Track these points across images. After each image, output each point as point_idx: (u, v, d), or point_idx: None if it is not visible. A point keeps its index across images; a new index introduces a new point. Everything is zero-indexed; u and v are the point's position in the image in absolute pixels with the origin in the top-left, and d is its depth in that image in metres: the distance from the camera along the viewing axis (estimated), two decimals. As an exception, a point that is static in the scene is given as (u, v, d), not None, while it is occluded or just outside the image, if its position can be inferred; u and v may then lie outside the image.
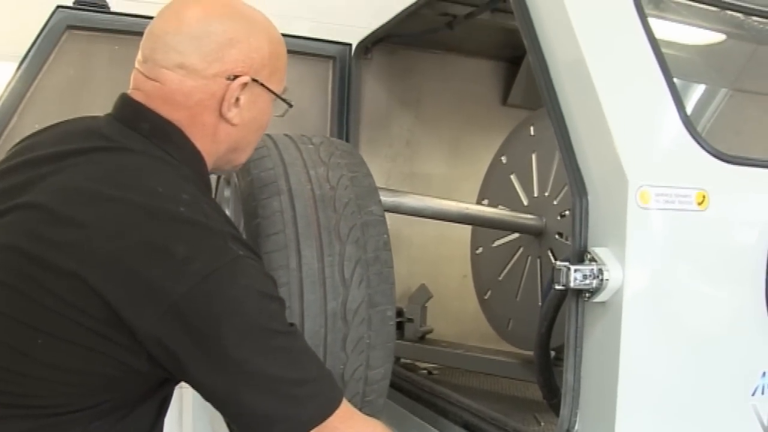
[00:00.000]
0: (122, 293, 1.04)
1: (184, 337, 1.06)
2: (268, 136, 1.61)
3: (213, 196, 1.45)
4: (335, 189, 1.51)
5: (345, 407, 1.19)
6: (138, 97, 1.23)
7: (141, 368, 1.10)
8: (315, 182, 1.50)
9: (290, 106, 1.37)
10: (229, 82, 1.22)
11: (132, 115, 1.22)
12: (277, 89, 1.32)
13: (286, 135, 1.63)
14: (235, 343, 1.08)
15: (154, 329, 1.05)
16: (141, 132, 1.20)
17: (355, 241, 1.47)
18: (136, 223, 1.07)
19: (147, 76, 1.23)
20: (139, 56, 1.26)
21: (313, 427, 1.14)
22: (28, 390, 1.10)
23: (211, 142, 1.26)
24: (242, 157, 1.36)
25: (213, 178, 1.67)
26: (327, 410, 1.15)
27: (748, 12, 1.70)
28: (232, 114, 1.24)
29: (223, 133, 1.26)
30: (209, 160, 1.27)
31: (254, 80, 1.25)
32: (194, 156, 1.24)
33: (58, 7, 2.26)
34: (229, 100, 1.23)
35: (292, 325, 1.19)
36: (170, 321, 1.05)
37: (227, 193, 1.83)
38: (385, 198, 1.92)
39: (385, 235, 1.52)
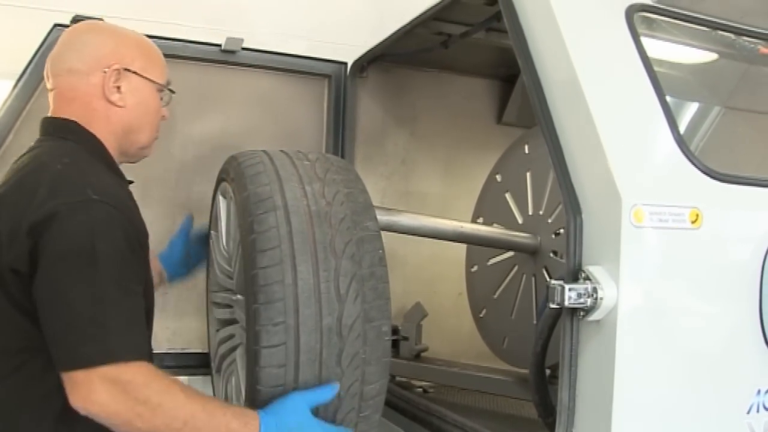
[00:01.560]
0: (7, 228, 1.35)
1: (34, 253, 1.31)
2: (264, 152, 1.62)
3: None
4: (331, 205, 1.51)
5: (142, 366, 1.31)
6: (49, 113, 1.58)
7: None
8: (311, 198, 1.51)
9: (171, 92, 1.68)
10: (105, 72, 1.54)
11: (44, 126, 1.58)
12: (157, 79, 1.62)
13: (282, 151, 1.64)
14: (55, 266, 1.30)
15: (21, 249, 1.32)
16: (50, 133, 1.56)
17: (350, 256, 1.47)
18: (26, 179, 1.41)
19: (50, 90, 1.58)
20: (45, 79, 1.59)
21: (83, 365, 1.26)
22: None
23: (107, 124, 1.55)
24: (142, 139, 1.62)
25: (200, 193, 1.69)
26: (108, 355, 1.27)
27: (739, 32, 1.72)
28: (116, 98, 1.55)
29: (115, 116, 1.56)
30: (112, 141, 1.57)
31: (126, 69, 1.56)
32: (88, 138, 1.53)
33: (56, 25, 2.27)
34: (108, 86, 1.54)
35: (121, 276, 1.34)
36: (26, 243, 1.31)
37: (223, 207, 1.84)
38: (381, 216, 1.92)
39: (381, 251, 1.52)
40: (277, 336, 1.40)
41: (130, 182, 1.64)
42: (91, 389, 1.26)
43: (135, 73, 1.57)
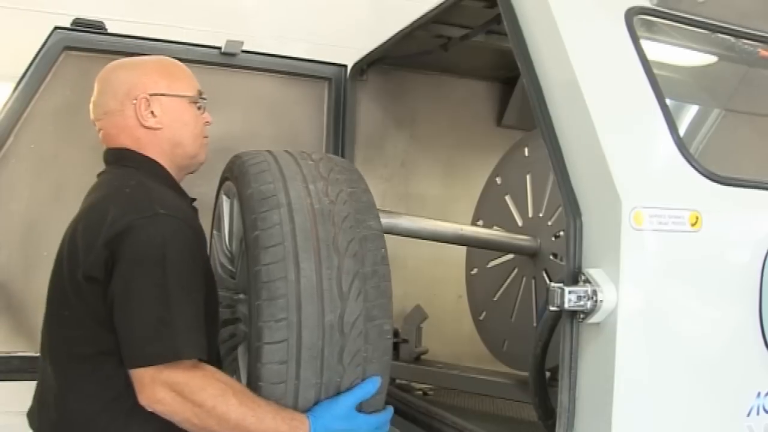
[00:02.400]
0: (84, 245, 1.51)
1: (110, 263, 1.46)
2: (269, 151, 1.63)
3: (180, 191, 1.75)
4: (334, 203, 1.53)
5: (195, 364, 1.45)
6: (105, 146, 1.77)
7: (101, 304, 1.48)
8: (314, 196, 1.53)
9: (203, 98, 1.79)
10: (134, 103, 1.69)
11: (105, 157, 1.76)
12: (186, 93, 1.75)
13: (286, 151, 1.65)
14: (130, 272, 1.44)
15: (98, 260, 1.47)
16: (111, 162, 1.74)
17: (353, 254, 1.49)
18: (98, 202, 1.58)
19: (98, 131, 1.77)
20: (93, 122, 1.78)
21: (149, 364, 1.41)
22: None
23: (155, 147, 1.70)
24: (188, 149, 1.75)
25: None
26: (170, 357, 1.41)
27: (738, 35, 1.72)
28: (152, 122, 1.70)
29: (158, 138, 1.71)
30: (166, 160, 1.71)
31: (152, 94, 1.69)
32: (145, 161, 1.69)
33: (56, 28, 2.27)
34: (141, 114, 1.69)
35: (185, 281, 1.47)
36: (103, 255, 1.46)
37: (226, 207, 1.85)
38: (381, 219, 1.94)
39: (383, 249, 1.53)
40: (280, 333, 1.42)
41: (193, 200, 1.77)
42: (155, 390, 1.41)
43: (162, 94, 1.71)
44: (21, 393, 2.61)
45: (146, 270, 1.45)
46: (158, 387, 1.42)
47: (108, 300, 1.47)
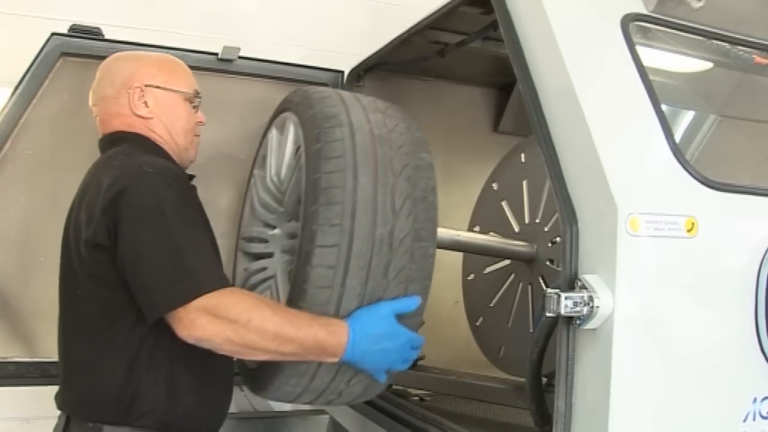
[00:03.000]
0: (85, 216, 1.60)
1: (112, 228, 1.53)
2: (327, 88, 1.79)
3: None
4: (392, 132, 1.62)
5: (227, 290, 1.50)
6: (100, 133, 1.86)
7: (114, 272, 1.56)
8: (374, 123, 1.62)
9: (197, 96, 1.88)
10: (129, 92, 1.78)
11: (100, 145, 1.85)
12: (181, 89, 1.85)
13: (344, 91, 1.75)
14: (132, 229, 1.52)
15: (99, 227, 1.55)
16: (105, 148, 1.82)
17: (407, 177, 1.56)
18: (92, 179, 1.67)
19: (95, 118, 1.86)
20: (90, 108, 1.87)
21: (180, 303, 1.46)
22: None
23: (149, 131, 1.80)
24: (180, 141, 1.84)
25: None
26: (196, 290, 1.46)
27: (734, 42, 1.73)
28: (144, 111, 1.79)
29: (152, 125, 1.80)
30: (168, 142, 1.82)
31: (147, 85, 1.79)
32: (137, 137, 1.78)
33: (53, 34, 2.27)
34: (134, 103, 1.78)
35: (189, 225, 1.55)
36: (103, 221, 1.54)
37: (275, 141, 1.96)
38: None
39: (433, 181, 1.61)
40: (333, 237, 1.48)
41: (192, 176, 1.83)
42: (191, 320, 1.45)
43: (158, 87, 1.80)
44: (17, 399, 2.61)
45: (147, 225, 1.51)
46: (192, 316, 1.45)
47: (118, 264, 1.54)
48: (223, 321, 1.46)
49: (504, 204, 2.31)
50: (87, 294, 1.64)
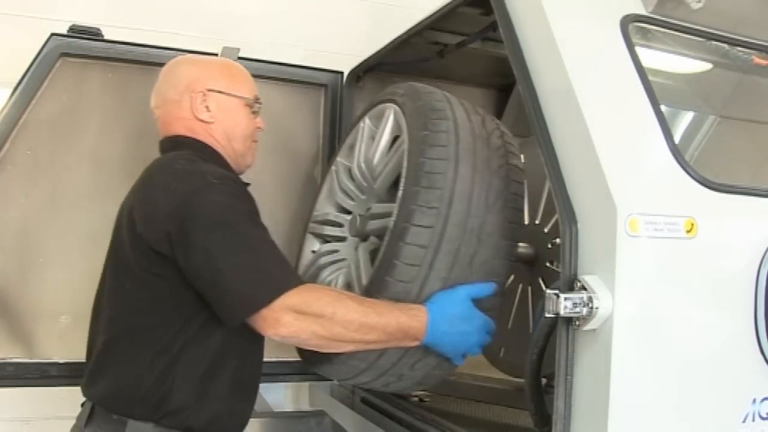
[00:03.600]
0: (144, 218, 1.62)
1: (177, 239, 1.55)
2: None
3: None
4: (490, 134, 1.70)
5: (306, 287, 1.56)
6: (161, 134, 1.89)
7: (171, 275, 1.59)
8: (474, 123, 1.69)
9: (258, 102, 1.92)
10: (192, 96, 1.81)
11: (161, 146, 1.87)
12: (242, 94, 1.88)
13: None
14: (204, 237, 1.54)
15: (159, 235, 1.57)
16: (166, 149, 1.85)
17: (502, 177, 1.64)
18: (151, 177, 1.71)
19: (156, 119, 1.89)
20: (152, 110, 1.89)
21: (263, 305, 1.50)
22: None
23: (210, 136, 1.83)
24: (238, 146, 1.87)
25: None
26: (277, 290, 1.50)
27: (733, 42, 1.73)
28: (205, 116, 1.82)
29: (212, 130, 1.83)
30: (222, 149, 1.84)
31: (210, 90, 1.82)
32: (200, 146, 1.80)
33: (53, 34, 2.27)
34: (196, 107, 1.81)
35: (258, 231, 1.60)
36: (168, 227, 1.56)
37: (367, 131, 2.03)
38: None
39: (523, 186, 1.71)
40: (429, 219, 1.55)
41: (247, 184, 1.81)
42: (276, 319, 1.50)
43: (220, 92, 1.83)
44: (16, 400, 2.61)
45: (220, 233, 1.55)
46: (277, 315, 1.50)
47: (188, 272, 1.57)
48: (308, 316, 1.51)
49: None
50: (138, 290, 1.66)
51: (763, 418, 1.40)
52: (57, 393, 2.21)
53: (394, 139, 1.87)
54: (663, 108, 1.46)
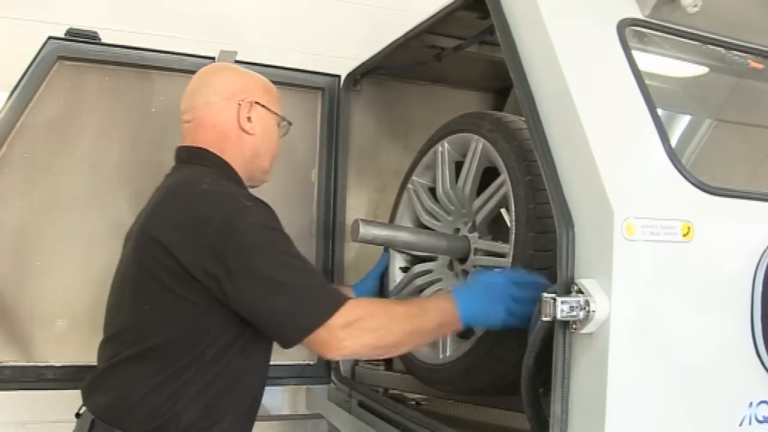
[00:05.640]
0: (179, 242, 1.57)
1: (217, 264, 1.53)
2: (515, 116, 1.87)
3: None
4: None
5: (353, 303, 1.57)
6: (183, 143, 1.84)
7: (199, 300, 1.57)
8: None
9: (290, 123, 1.97)
10: (239, 104, 1.81)
11: (178, 154, 1.85)
12: (280, 113, 1.92)
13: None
14: (250, 260, 1.53)
15: (197, 262, 1.54)
16: (183, 160, 1.83)
17: None
18: (175, 195, 1.69)
19: (187, 121, 1.83)
20: (181, 111, 1.85)
21: (322, 323, 1.50)
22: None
23: (238, 149, 1.81)
24: (265, 163, 1.89)
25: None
26: (332, 308, 1.52)
27: (729, 46, 1.74)
28: (248, 126, 1.81)
29: (245, 142, 1.82)
30: (241, 165, 1.82)
31: (256, 102, 1.83)
32: (218, 163, 1.78)
33: (50, 37, 2.27)
34: (242, 116, 1.81)
35: (293, 251, 1.60)
36: (207, 254, 1.53)
37: (447, 155, 2.08)
38: (378, 232, 2.05)
39: None
40: (546, 261, 1.58)
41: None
42: (337, 339, 1.52)
43: (262, 105, 1.85)
44: (12, 403, 2.61)
45: (264, 255, 1.55)
46: (337, 334, 1.52)
47: (235, 296, 1.54)
48: (367, 331, 1.55)
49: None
50: (158, 311, 1.63)
51: (759, 422, 1.40)
52: (54, 396, 2.21)
53: (486, 170, 1.91)
54: (659, 111, 1.47)
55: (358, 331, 1.53)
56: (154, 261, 1.60)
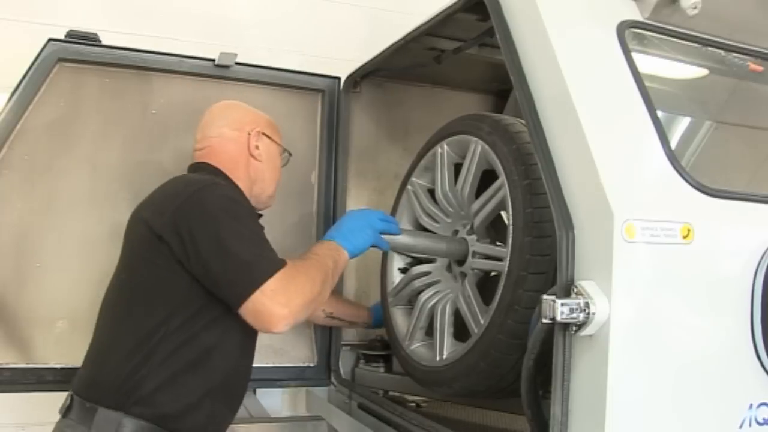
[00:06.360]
0: (154, 211, 1.79)
1: (182, 224, 1.71)
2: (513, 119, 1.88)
3: None
4: None
5: (282, 271, 1.71)
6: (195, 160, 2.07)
7: (164, 263, 1.73)
8: None
9: (290, 154, 2.24)
10: (249, 134, 2.06)
11: (189, 168, 2.05)
12: (282, 144, 2.17)
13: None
14: (211, 224, 1.71)
15: (166, 224, 1.72)
16: (191, 170, 2.02)
17: None
18: (165, 186, 1.88)
19: (200, 148, 2.06)
20: (195, 141, 2.08)
21: (264, 281, 1.66)
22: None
23: (244, 173, 2.04)
24: (269, 189, 2.13)
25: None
26: (273, 269, 1.69)
27: (729, 49, 1.74)
28: (256, 153, 2.06)
29: (251, 168, 2.06)
30: (247, 186, 2.03)
31: (263, 133, 2.09)
32: (220, 173, 1.97)
33: (50, 39, 2.27)
34: (252, 144, 2.06)
35: (253, 227, 1.80)
36: (175, 216, 1.72)
37: (446, 156, 2.09)
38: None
39: None
40: (544, 266, 1.60)
41: (260, 215, 2.01)
42: (268, 308, 1.66)
43: (267, 136, 2.11)
44: (12, 405, 2.61)
45: (223, 222, 1.72)
46: (267, 303, 1.66)
47: (190, 258, 1.70)
48: (294, 295, 1.69)
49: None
50: (130, 280, 1.82)
51: (759, 424, 1.40)
52: (53, 398, 2.20)
53: (484, 173, 1.92)
54: (659, 114, 1.47)
55: (283, 296, 1.67)
56: (136, 236, 1.81)
